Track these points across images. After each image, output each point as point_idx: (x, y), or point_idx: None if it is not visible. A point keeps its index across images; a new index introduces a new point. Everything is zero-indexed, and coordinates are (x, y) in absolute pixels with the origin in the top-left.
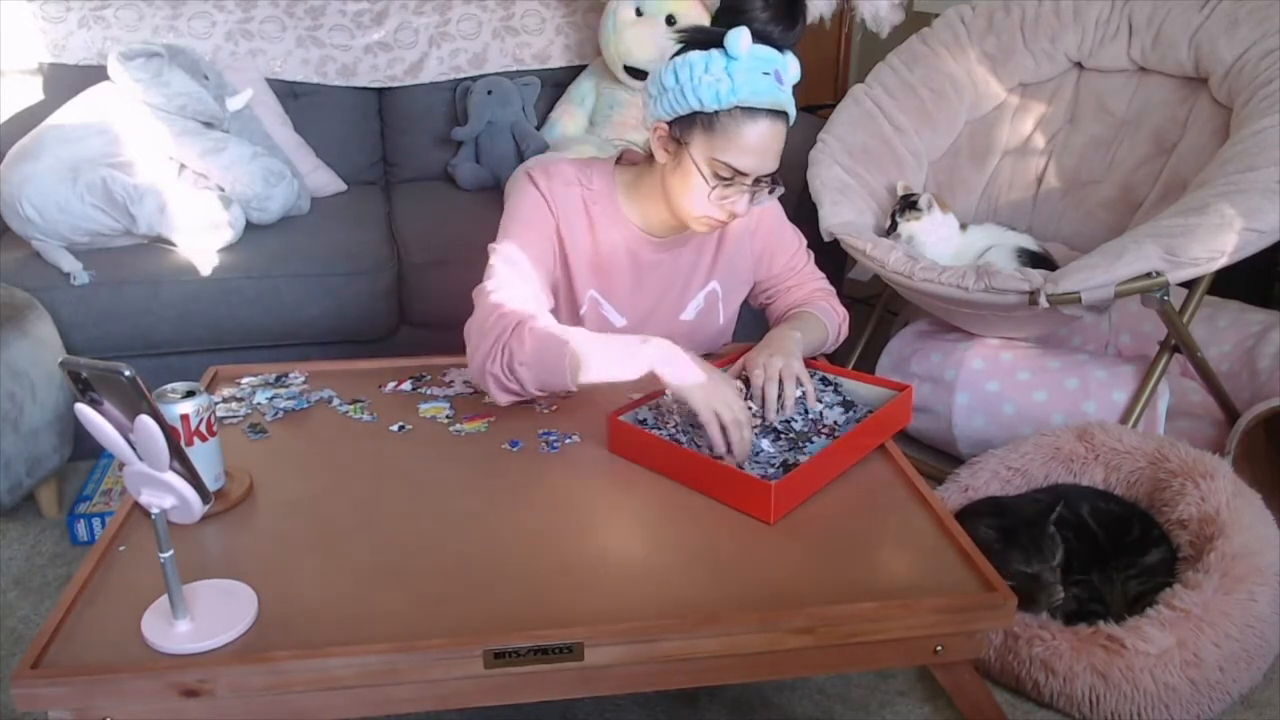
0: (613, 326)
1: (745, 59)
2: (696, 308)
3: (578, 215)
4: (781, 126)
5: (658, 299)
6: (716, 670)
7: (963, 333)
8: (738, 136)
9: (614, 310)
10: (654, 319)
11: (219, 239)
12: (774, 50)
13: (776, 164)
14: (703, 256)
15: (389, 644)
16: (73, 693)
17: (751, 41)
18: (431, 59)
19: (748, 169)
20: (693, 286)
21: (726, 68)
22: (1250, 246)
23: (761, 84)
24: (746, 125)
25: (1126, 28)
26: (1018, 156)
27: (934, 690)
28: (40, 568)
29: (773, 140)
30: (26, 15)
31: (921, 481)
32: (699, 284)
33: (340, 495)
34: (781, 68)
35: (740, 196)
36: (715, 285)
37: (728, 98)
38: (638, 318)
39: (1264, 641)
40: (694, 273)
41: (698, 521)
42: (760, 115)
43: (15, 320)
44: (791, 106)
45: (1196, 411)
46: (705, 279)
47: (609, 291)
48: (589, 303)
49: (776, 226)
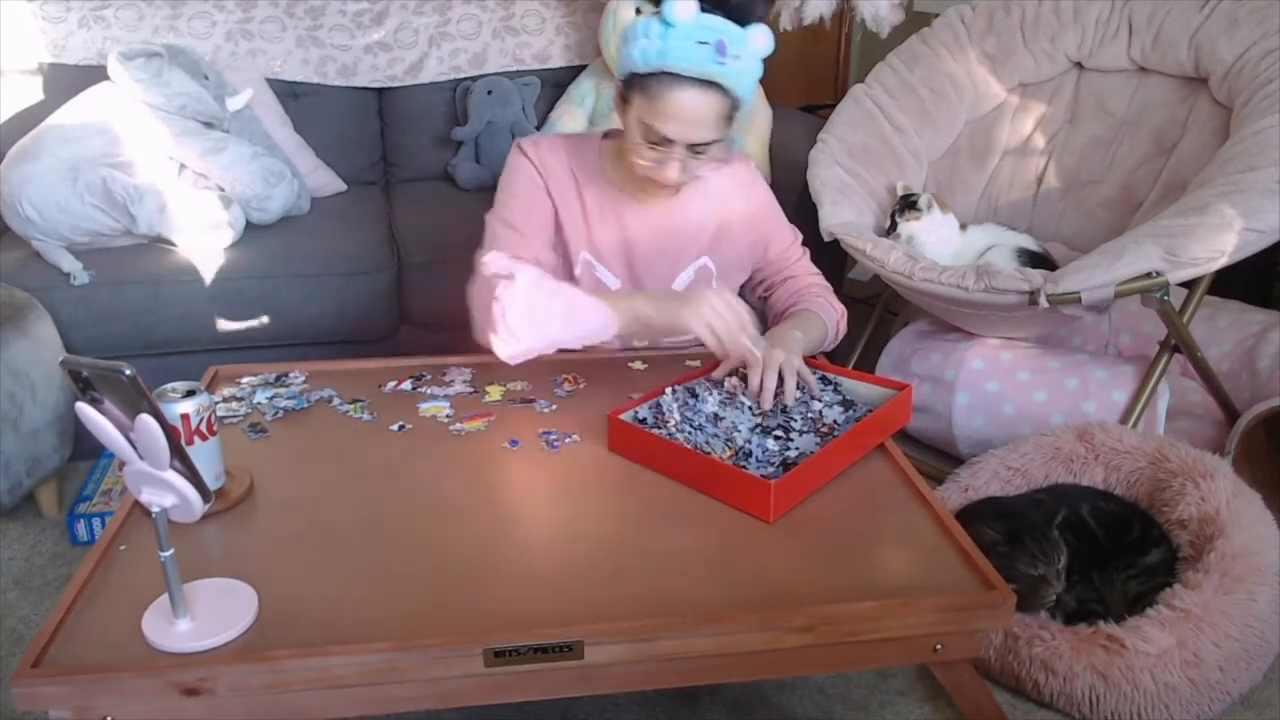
0: (607, 288)
1: (683, 26)
2: (687, 280)
3: (566, 180)
4: (713, 98)
5: (648, 265)
6: (716, 669)
7: (963, 333)
8: (661, 101)
9: (608, 272)
10: (645, 284)
11: (219, 239)
12: (726, 21)
13: (711, 135)
14: (693, 229)
15: (389, 643)
16: (73, 692)
17: (698, 10)
18: (431, 59)
19: (673, 135)
20: (684, 257)
21: (662, 33)
22: (1250, 246)
23: (693, 52)
24: (671, 91)
25: (1126, 28)
26: (1018, 156)
27: (934, 690)
28: (40, 568)
29: (699, 109)
30: (26, 15)
31: (921, 481)
32: (690, 256)
33: (340, 495)
34: (731, 40)
35: (670, 162)
36: (707, 261)
37: (655, 61)
38: (630, 281)
39: (1264, 641)
40: (685, 244)
41: (697, 521)
42: (686, 83)
43: (15, 320)
44: (732, 80)
45: (1196, 411)
46: (696, 253)
47: (601, 254)
48: (582, 264)
49: (770, 216)
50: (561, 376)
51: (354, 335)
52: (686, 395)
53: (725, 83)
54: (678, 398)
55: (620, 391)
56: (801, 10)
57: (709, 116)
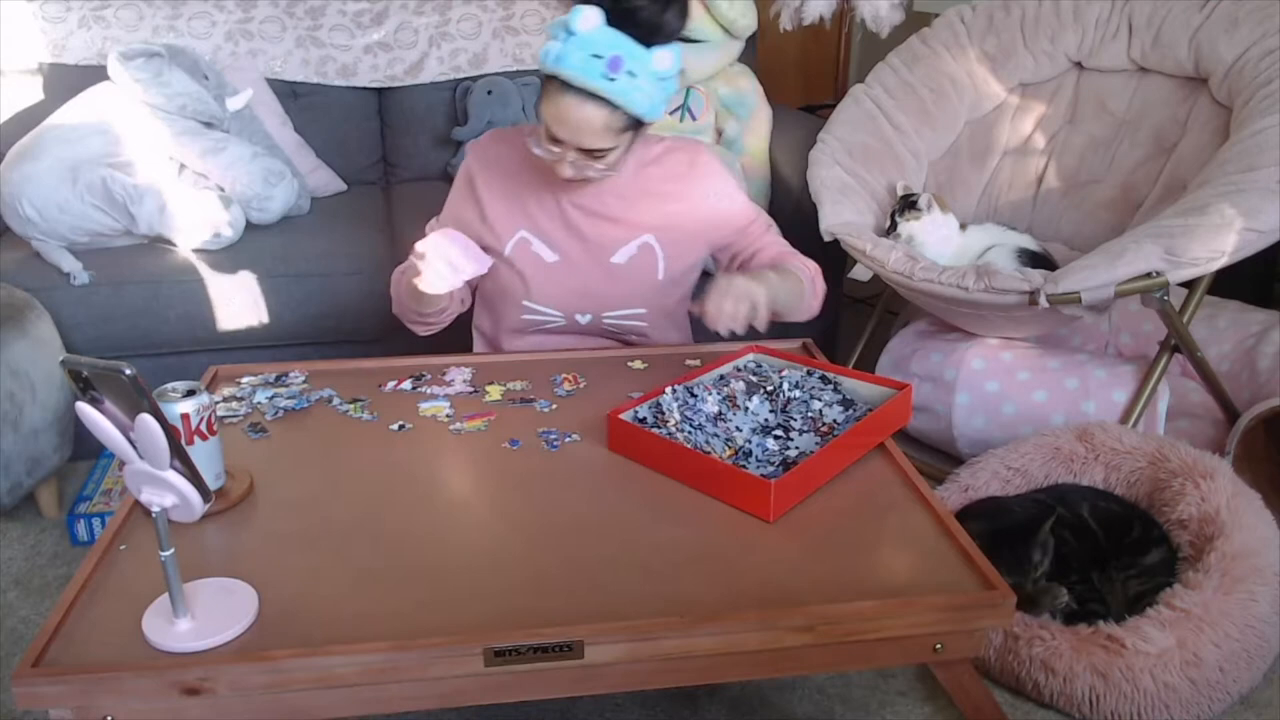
0: (544, 262)
1: (582, 36)
2: (629, 254)
3: (506, 166)
4: (600, 110)
5: (585, 240)
6: (716, 668)
7: (963, 333)
8: (553, 104)
9: (545, 247)
10: (585, 257)
11: (219, 239)
12: (627, 39)
13: (601, 143)
14: (637, 208)
15: (389, 642)
16: (74, 691)
17: (602, 24)
18: (431, 59)
19: (562, 138)
20: (623, 233)
21: (564, 39)
22: (1250, 246)
23: (585, 64)
24: (562, 96)
25: (1126, 28)
26: (1018, 156)
27: (934, 690)
28: (40, 568)
29: (584, 119)
30: (26, 15)
31: (921, 480)
32: (630, 233)
33: (340, 494)
34: (627, 57)
35: (563, 161)
36: (650, 239)
37: (551, 65)
38: (569, 255)
39: (1264, 641)
40: (623, 219)
41: (697, 520)
42: (574, 92)
43: (15, 320)
44: (622, 97)
45: (1196, 411)
46: (637, 230)
47: (539, 230)
48: (518, 241)
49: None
50: (561, 376)
51: (354, 335)
52: (686, 395)
53: (613, 99)
54: (678, 397)
55: (620, 391)
56: (801, 10)
57: (595, 127)
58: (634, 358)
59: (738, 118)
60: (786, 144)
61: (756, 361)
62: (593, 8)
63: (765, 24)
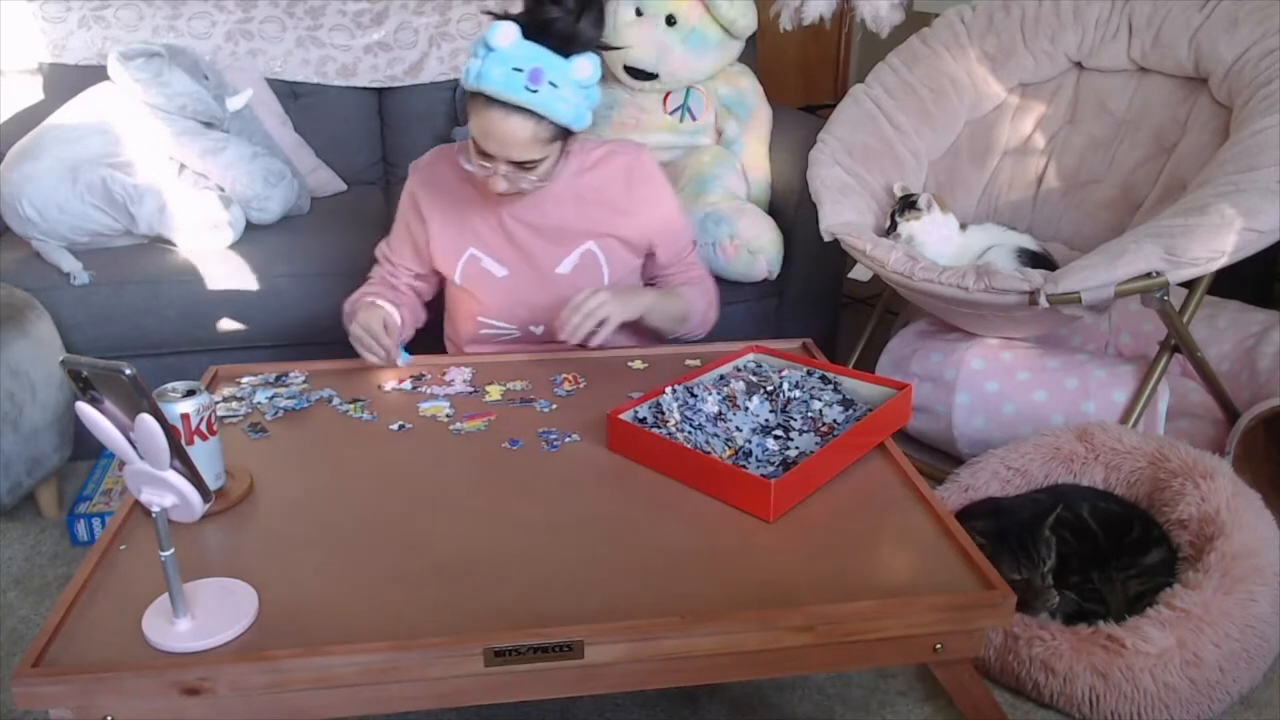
0: (494, 278)
1: (501, 51)
2: (573, 263)
3: (440, 188)
4: (525, 122)
5: (530, 253)
6: (716, 668)
7: (963, 333)
8: (480, 118)
9: (495, 263)
10: (531, 271)
11: (219, 239)
12: (545, 50)
13: (530, 155)
14: (576, 217)
15: (389, 642)
16: (74, 691)
17: (519, 37)
18: (431, 59)
19: (491, 151)
20: (565, 243)
21: (484, 55)
22: (1250, 246)
23: (506, 78)
24: (488, 111)
25: (1126, 28)
26: (1018, 156)
27: (934, 690)
28: (40, 568)
29: (511, 132)
30: (26, 15)
31: (921, 480)
32: (572, 242)
33: (340, 495)
34: (547, 68)
35: (494, 175)
36: (592, 245)
37: (473, 82)
38: (516, 269)
39: (1264, 641)
40: (563, 231)
41: (697, 520)
42: (498, 105)
43: (15, 320)
44: (546, 107)
45: (1196, 411)
46: (577, 239)
47: (486, 247)
48: (468, 259)
49: (660, 215)
50: (561, 376)
51: None
52: (686, 395)
53: (537, 109)
54: (678, 397)
55: (620, 391)
56: (801, 10)
57: (523, 138)
58: (634, 358)
59: (738, 118)
60: (786, 144)
61: (756, 361)
62: (508, 23)
63: (765, 24)
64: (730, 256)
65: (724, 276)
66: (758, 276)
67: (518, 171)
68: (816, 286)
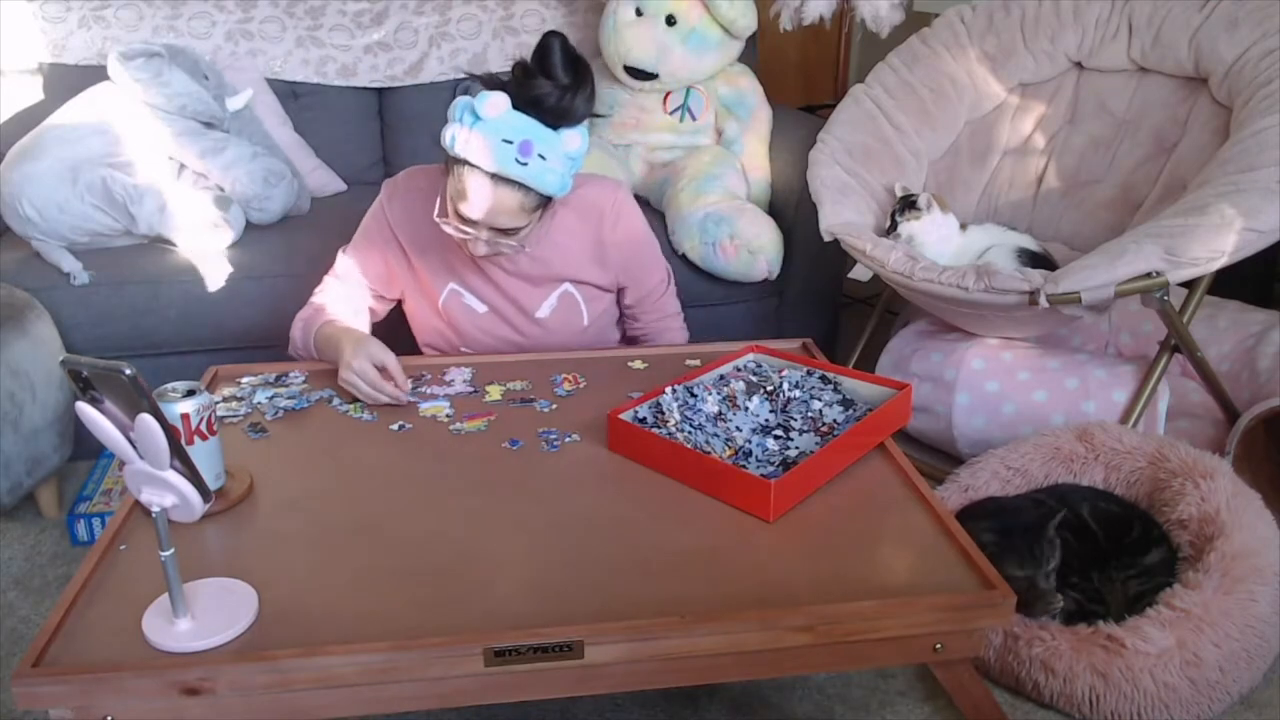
0: (476, 313)
1: (489, 122)
2: (551, 307)
3: (420, 221)
4: (512, 193)
5: (509, 293)
6: (716, 668)
7: (963, 333)
8: (463, 186)
9: (474, 299)
10: (511, 310)
11: (219, 239)
12: (536, 123)
13: (513, 223)
14: (553, 259)
15: (389, 642)
16: (74, 691)
17: (509, 109)
18: (431, 59)
19: (473, 217)
20: (542, 287)
21: (471, 124)
22: (1250, 246)
23: (496, 150)
24: (471, 179)
25: (1126, 28)
26: (1018, 156)
27: (934, 690)
28: (40, 568)
29: (496, 201)
30: (26, 15)
31: (921, 480)
32: (549, 285)
33: (340, 495)
34: (537, 141)
35: (476, 241)
36: (569, 288)
37: (460, 150)
38: (497, 308)
39: (1264, 641)
40: (540, 275)
41: (697, 520)
42: (486, 176)
43: (15, 320)
44: (534, 179)
45: (1196, 411)
46: (555, 281)
47: (466, 284)
48: (449, 294)
49: (635, 254)
50: (561, 376)
51: None
52: (686, 395)
53: (525, 182)
54: (678, 397)
55: (620, 391)
56: (801, 10)
57: (509, 207)
58: (634, 358)
59: (738, 118)
60: (786, 144)
61: (756, 361)
62: (499, 94)
63: (765, 24)
64: (730, 256)
65: (724, 276)
66: (758, 276)
67: (499, 237)
68: (816, 286)
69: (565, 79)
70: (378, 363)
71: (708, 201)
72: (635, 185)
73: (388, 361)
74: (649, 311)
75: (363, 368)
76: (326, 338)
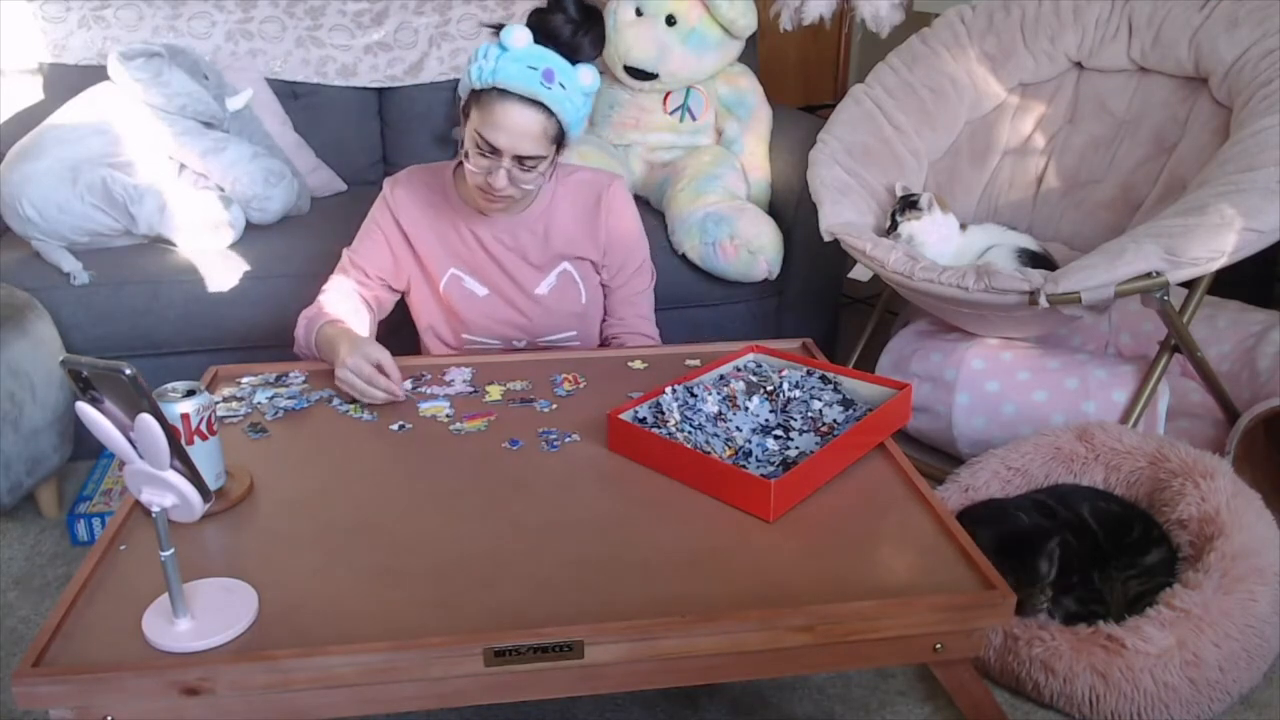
0: (476, 297)
1: (515, 51)
2: (550, 285)
3: (423, 208)
4: (539, 115)
5: (510, 273)
6: (716, 668)
7: (963, 333)
8: (490, 113)
9: (476, 282)
10: (512, 290)
11: (219, 239)
12: (556, 55)
13: (537, 150)
14: (552, 239)
15: (389, 642)
16: (74, 691)
17: (531, 41)
18: (431, 59)
19: (501, 145)
20: (542, 265)
21: (498, 55)
22: (1250, 246)
23: (523, 74)
24: (503, 104)
25: (1126, 28)
26: (1018, 156)
27: (934, 690)
28: (40, 568)
29: (525, 123)
30: (26, 15)
31: (921, 480)
32: (548, 264)
33: (340, 495)
34: (558, 69)
35: (498, 171)
36: (567, 266)
37: (489, 78)
38: (498, 289)
39: (1264, 641)
40: (540, 253)
41: (697, 520)
42: (515, 99)
43: (15, 320)
44: (557, 104)
45: (1196, 411)
46: (554, 260)
47: (467, 268)
48: (450, 279)
49: (626, 248)
50: (561, 376)
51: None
52: (686, 395)
53: (550, 105)
54: (678, 397)
55: (620, 391)
56: (801, 10)
57: (535, 131)
58: (634, 358)
59: (738, 118)
60: (786, 144)
61: (756, 361)
62: (522, 27)
63: (765, 24)
64: (730, 256)
65: (724, 276)
66: (758, 276)
67: (519, 169)
68: (816, 286)
69: (576, 15)
70: (372, 360)
71: (708, 201)
72: (635, 185)
73: (382, 359)
74: (623, 303)
75: (358, 365)
76: (326, 338)
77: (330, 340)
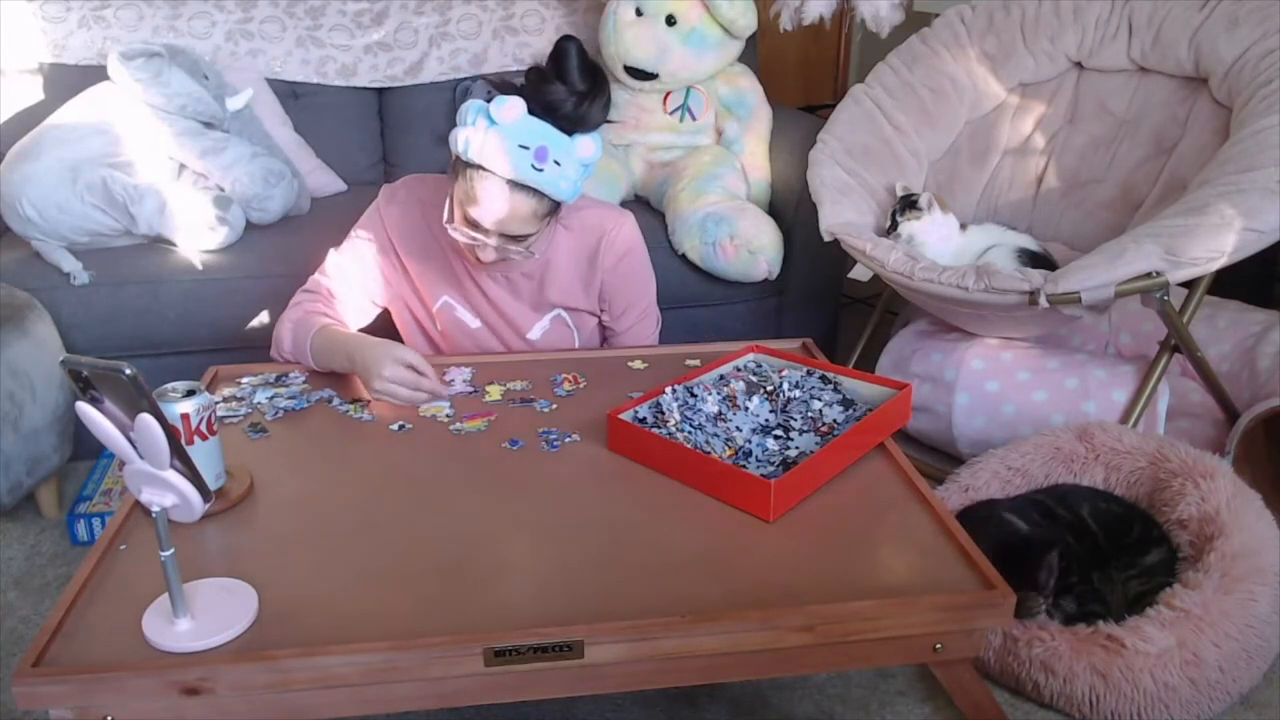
0: (469, 328)
1: (504, 127)
2: (543, 329)
3: (417, 230)
4: (527, 199)
5: (503, 312)
6: (716, 668)
7: (963, 333)
8: (475, 191)
9: (468, 313)
10: (504, 327)
11: (219, 239)
12: (552, 129)
13: (525, 229)
14: (538, 285)
15: (389, 642)
16: (74, 691)
17: (524, 114)
18: (431, 59)
19: (487, 225)
20: (537, 309)
21: (486, 128)
22: (1250, 246)
23: (512, 155)
24: (484, 184)
25: (1126, 28)
26: (1018, 156)
27: (934, 690)
28: (40, 568)
29: (509, 206)
30: (26, 15)
31: (921, 480)
32: (541, 308)
33: (340, 495)
34: (553, 147)
35: (485, 247)
36: (561, 313)
37: (474, 156)
38: (490, 323)
39: (1264, 641)
40: (534, 298)
41: (697, 519)
42: (501, 182)
43: (15, 320)
44: (549, 185)
45: (1196, 411)
46: (548, 304)
47: (459, 297)
48: (442, 306)
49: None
50: (561, 376)
51: None
52: (686, 395)
53: (540, 188)
54: (678, 397)
55: (620, 391)
56: (801, 10)
57: (523, 214)
58: (634, 358)
59: (738, 118)
60: (786, 144)
61: (756, 361)
62: (515, 99)
63: (765, 24)
64: (730, 256)
65: (724, 276)
66: (758, 276)
67: (508, 244)
68: (816, 286)
69: (581, 85)
70: (405, 363)
71: (708, 201)
72: (635, 185)
73: (413, 360)
74: (620, 336)
75: (395, 373)
76: (327, 342)
77: (335, 346)
